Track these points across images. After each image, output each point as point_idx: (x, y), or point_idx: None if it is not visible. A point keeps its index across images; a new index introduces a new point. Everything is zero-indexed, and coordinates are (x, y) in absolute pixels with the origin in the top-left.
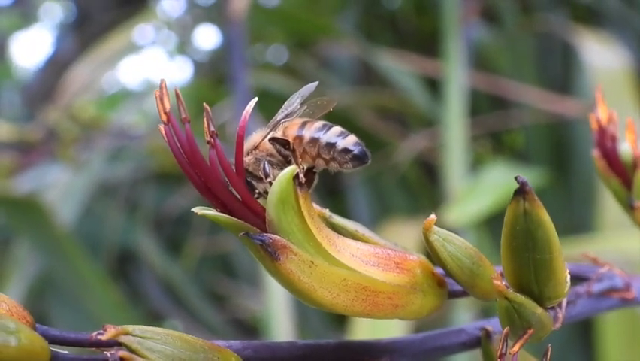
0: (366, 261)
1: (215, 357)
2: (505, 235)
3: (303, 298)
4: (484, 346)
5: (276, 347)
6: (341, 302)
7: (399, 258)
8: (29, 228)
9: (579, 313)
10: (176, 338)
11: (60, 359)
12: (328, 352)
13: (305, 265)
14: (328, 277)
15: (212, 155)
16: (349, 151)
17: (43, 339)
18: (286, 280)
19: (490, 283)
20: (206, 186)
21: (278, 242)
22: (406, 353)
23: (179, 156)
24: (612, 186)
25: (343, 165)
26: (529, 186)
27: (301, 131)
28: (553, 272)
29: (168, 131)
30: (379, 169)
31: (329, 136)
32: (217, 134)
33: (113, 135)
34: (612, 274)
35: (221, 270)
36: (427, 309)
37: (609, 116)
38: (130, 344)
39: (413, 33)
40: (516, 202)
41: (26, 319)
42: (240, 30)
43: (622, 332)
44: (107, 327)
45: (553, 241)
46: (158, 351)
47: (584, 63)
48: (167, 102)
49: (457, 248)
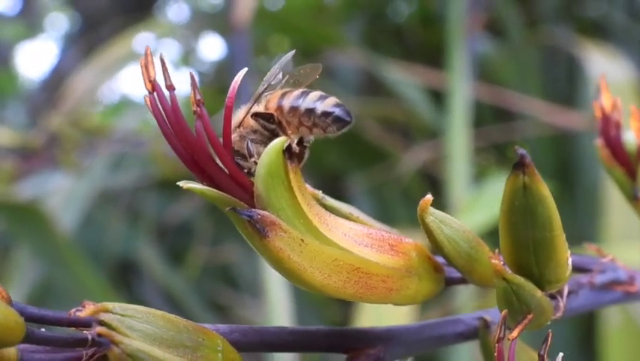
0: (359, 241)
1: (199, 338)
2: (503, 211)
3: (292, 278)
4: (482, 336)
5: (264, 332)
6: (332, 283)
7: (394, 240)
8: (30, 234)
9: (581, 305)
10: (159, 317)
11: (36, 336)
12: (320, 338)
13: (295, 242)
14: (319, 256)
15: (199, 125)
16: (329, 113)
17: (19, 315)
18: (275, 259)
19: (489, 268)
20: (193, 159)
21: (266, 218)
22: (401, 342)
23: (165, 126)
24: (616, 175)
25: (327, 130)
26: (528, 159)
27: (281, 101)
28: (554, 252)
29: (153, 101)
30: (383, 180)
31: (307, 102)
32: (204, 102)
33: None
34: (615, 266)
35: (223, 280)
36: (422, 294)
37: (613, 104)
38: (110, 321)
39: (418, 45)
40: (515, 176)
41: (1, 294)
42: (245, 39)
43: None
44: (85, 303)
45: (554, 218)
46: (139, 330)
47: (588, 76)
48: (152, 70)
49: (454, 231)
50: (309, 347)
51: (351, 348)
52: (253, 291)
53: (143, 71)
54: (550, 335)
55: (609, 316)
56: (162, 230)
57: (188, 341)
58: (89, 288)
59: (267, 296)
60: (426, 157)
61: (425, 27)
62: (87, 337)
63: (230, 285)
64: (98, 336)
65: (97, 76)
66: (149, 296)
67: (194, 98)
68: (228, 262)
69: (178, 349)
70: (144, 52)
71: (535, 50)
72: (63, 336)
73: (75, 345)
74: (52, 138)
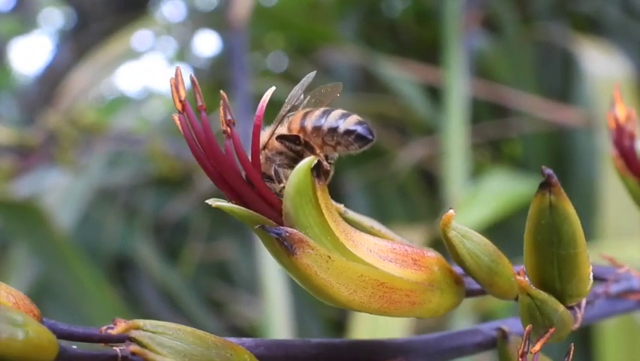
0: (384, 257)
1: (227, 353)
2: (529, 229)
3: (319, 294)
4: (501, 347)
5: (289, 345)
6: (358, 299)
7: (416, 254)
8: (27, 232)
9: (596, 315)
10: (188, 333)
11: (68, 354)
12: (343, 350)
13: (322, 259)
14: (345, 272)
15: (229, 144)
16: (352, 132)
17: (52, 333)
18: (302, 276)
19: (509, 280)
20: (221, 177)
21: (294, 236)
22: (421, 353)
23: (194, 146)
24: (629, 185)
25: (350, 148)
26: (555, 179)
27: (303, 122)
28: (577, 268)
29: (183, 121)
30: (379, 177)
31: (330, 121)
32: (234, 122)
33: (112, 140)
34: (630, 275)
35: (220, 277)
36: (444, 308)
37: (628, 115)
38: (141, 339)
39: (414, 41)
40: (542, 195)
41: (33, 312)
42: (241, 37)
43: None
44: (117, 321)
45: (579, 235)
46: (170, 347)
47: (584, 72)
48: (182, 90)
49: (476, 245)
50: (332, 359)
51: (372, 360)
52: (249, 287)
53: (173, 91)
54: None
55: None
56: (159, 227)
57: (217, 357)
58: (86, 285)
59: (264, 293)
60: (422, 154)
61: (420, 23)
62: (117, 353)
63: (226, 281)
64: (132, 355)
65: (94, 74)
66: (146, 293)
67: (224, 118)
68: (224, 258)
69: None
70: (175, 72)
71: (530, 46)
72: (95, 353)
73: None
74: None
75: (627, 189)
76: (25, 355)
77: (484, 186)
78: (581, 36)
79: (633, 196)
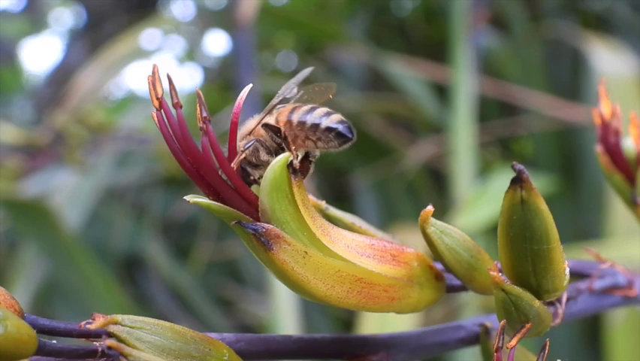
0: (362, 252)
1: (206, 348)
2: (501, 224)
3: (296, 289)
4: (483, 342)
5: (270, 341)
6: (335, 294)
7: (395, 250)
8: (36, 231)
9: (580, 310)
10: (167, 328)
11: (48, 349)
12: (324, 346)
13: (299, 255)
14: (322, 268)
15: (205, 141)
16: (332, 129)
17: (32, 328)
18: (279, 271)
19: (489, 276)
20: (199, 173)
21: (271, 231)
22: (403, 349)
23: (172, 142)
24: (615, 181)
25: (329, 144)
26: (526, 174)
27: (290, 115)
28: (551, 264)
29: (160, 117)
30: (387, 175)
31: (314, 117)
32: (209, 120)
33: (120, 139)
34: (614, 271)
35: (229, 275)
36: (424, 303)
37: (612, 111)
38: (119, 333)
39: (422, 40)
40: (513, 191)
41: (14, 307)
42: (249, 36)
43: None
44: (95, 316)
45: (552, 231)
46: (148, 341)
47: (592, 70)
48: (159, 87)
49: (455, 241)
50: (314, 354)
51: (354, 355)
52: (258, 286)
53: (151, 88)
54: (548, 344)
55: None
56: (168, 226)
57: (196, 352)
58: (95, 284)
59: (272, 291)
60: (430, 152)
61: (428, 22)
62: (97, 348)
63: (235, 280)
64: (108, 349)
65: (103, 73)
66: (155, 292)
67: (200, 115)
68: (233, 257)
69: (185, 359)
70: (152, 70)
71: (539, 44)
72: (74, 348)
73: (85, 356)
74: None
75: (613, 186)
76: (4, 348)
77: (493, 185)
78: (590, 34)
79: (619, 192)
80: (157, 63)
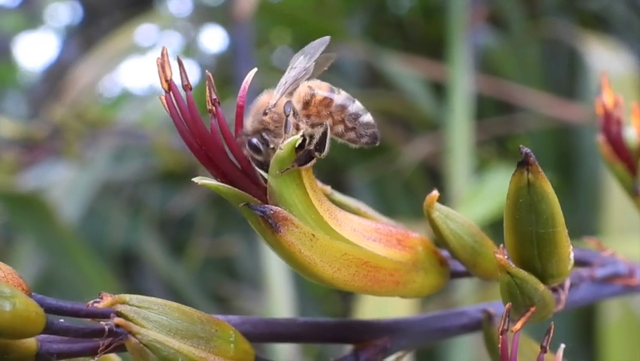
0: (368, 236)
1: (212, 329)
2: (507, 207)
3: (303, 271)
4: (486, 328)
5: (275, 324)
6: (342, 277)
7: (401, 235)
8: (33, 225)
9: (582, 298)
10: (174, 308)
11: (55, 327)
12: (328, 330)
13: (306, 237)
14: (329, 250)
15: (214, 123)
16: (372, 126)
17: (39, 306)
18: (286, 253)
19: (492, 262)
20: (207, 156)
21: (279, 214)
22: (406, 334)
23: (181, 125)
24: (617, 171)
25: (359, 138)
26: (533, 157)
27: (332, 94)
28: (556, 247)
29: (169, 99)
30: (384, 173)
31: (357, 107)
32: (219, 102)
33: (117, 134)
34: (616, 260)
35: (225, 272)
36: (428, 288)
37: (615, 101)
38: (126, 313)
39: (420, 38)
40: (519, 173)
41: (22, 286)
42: (247, 31)
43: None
44: (103, 295)
45: (557, 214)
46: (155, 321)
47: (590, 69)
48: (168, 70)
49: (459, 225)
50: (317, 338)
51: (358, 339)
52: (254, 283)
53: (160, 70)
54: (553, 327)
55: (609, 310)
56: (164, 222)
57: (202, 332)
58: (91, 279)
59: (269, 288)
60: (427, 150)
61: (426, 19)
62: (104, 327)
63: (231, 277)
64: (116, 327)
65: (99, 68)
66: (151, 288)
67: (210, 97)
68: (229, 254)
69: (192, 340)
70: (161, 52)
71: (536, 42)
72: (81, 327)
73: (92, 335)
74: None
75: (614, 175)
76: (12, 326)
77: (489, 182)
78: (587, 33)
79: (620, 182)
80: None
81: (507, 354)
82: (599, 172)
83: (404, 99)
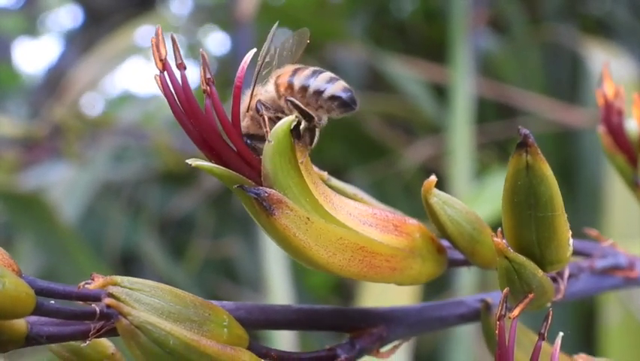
0: (364, 221)
1: (206, 313)
2: (505, 190)
3: (298, 256)
4: (484, 318)
5: (270, 310)
6: (337, 262)
7: (398, 221)
8: (32, 225)
9: (581, 290)
10: (166, 291)
11: (46, 308)
12: (324, 317)
13: (301, 221)
14: (324, 234)
15: (208, 103)
16: (337, 98)
17: (29, 286)
18: (281, 237)
19: (491, 249)
20: (202, 137)
21: (273, 196)
22: (403, 322)
23: (175, 105)
24: (617, 163)
25: (331, 112)
26: (532, 139)
27: (292, 79)
28: (555, 232)
29: (164, 79)
30: (385, 175)
31: (318, 83)
32: (213, 81)
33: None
34: (616, 251)
35: (224, 273)
36: (425, 275)
37: (615, 92)
38: (118, 294)
39: (421, 40)
40: (518, 156)
41: (12, 267)
42: (249, 33)
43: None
44: (94, 276)
45: (557, 198)
46: (147, 303)
47: (591, 73)
48: (162, 49)
49: (457, 212)
50: (313, 325)
51: (354, 327)
52: (254, 284)
53: (154, 50)
54: (551, 314)
55: (609, 312)
56: (164, 223)
57: (195, 316)
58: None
59: (268, 290)
60: (428, 153)
61: (428, 23)
62: (95, 310)
63: (231, 278)
64: (107, 308)
65: (99, 68)
66: None
67: (204, 77)
68: (229, 255)
69: (185, 323)
70: (155, 32)
71: (538, 46)
72: (72, 309)
73: (84, 318)
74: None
75: (615, 167)
76: (1, 305)
77: (490, 185)
78: (589, 38)
79: (621, 173)
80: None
81: (504, 341)
82: (601, 176)
83: (405, 102)
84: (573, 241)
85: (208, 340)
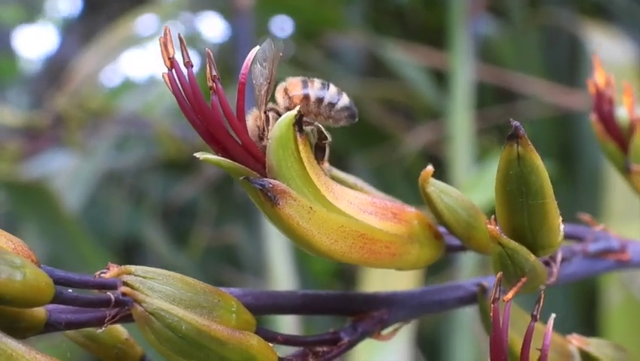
0: (364, 209)
1: (215, 299)
2: (498, 179)
3: (301, 243)
4: (480, 301)
5: (276, 295)
6: (339, 249)
7: (396, 208)
8: (36, 214)
9: (574, 273)
10: (178, 279)
11: (64, 297)
12: (328, 302)
13: (304, 210)
14: (326, 223)
15: (214, 99)
16: (347, 109)
17: (48, 276)
18: (285, 226)
19: (486, 235)
20: (209, 131)
21: (278, 187)
22: (404, 306)
23: (183, 102)
24: (609, 149)
25: (339, 122)
26: (522, 131)
27: (306, 90)
28: (546, 218)
29: (172, 77)
30: (385, 161)
31: (331, 95)
32: (219, 78)
33: (119, 123)
34: (608, 235)
35: (227, 261)
36: (423, 260)
37: (607, 80)
38: (132, 283)
39: (420, 26)
40: (509, 146)
41: (32, 258)
42: (248, 21)
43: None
44: (110, 266)
45: (547, 186)
46: (160, 291)
47: (590, 57)
48: (170, 48)
49: (453, 200)
50: (317, 310)
51: (356, 311)
52: (256, 271)
53: (162, 49)
54: (543, 296)
55: (611, 294)
56: (166, 211)
57: (205, 302)
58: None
59: (271, 276)
60: (428, 138)
61: (427, 8)
62: (111, 298)
63: (233, 266)
64: (122, 295)
65: (100, 57)
66: None
67: (210, 74)
68: (232, 242)
69: (195, 309)
70: (163, 31)
71: (537, 30)
72: (89, 297)
73: (100, 305)
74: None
75: (606, 154)
76: (22, 295)
77: (490, 170)
78: (588, 21)
79: (612, 159)
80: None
81: (498, 323)
82: (601, 159)
83: (405, 87)
84: (566, 226)
85: (218, 325)
